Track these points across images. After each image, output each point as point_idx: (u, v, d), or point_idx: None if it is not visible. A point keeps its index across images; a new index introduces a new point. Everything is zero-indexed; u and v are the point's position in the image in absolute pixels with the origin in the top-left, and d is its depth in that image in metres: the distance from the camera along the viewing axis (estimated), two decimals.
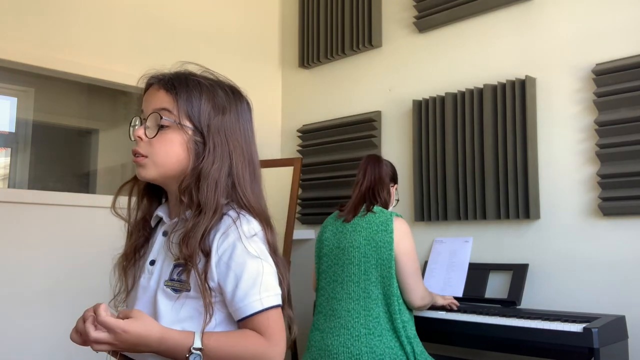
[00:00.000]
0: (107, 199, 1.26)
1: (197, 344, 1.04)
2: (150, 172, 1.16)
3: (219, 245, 1.11)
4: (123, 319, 1.01)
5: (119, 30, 2.97)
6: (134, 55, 2.99)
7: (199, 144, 1.15)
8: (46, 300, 2.57)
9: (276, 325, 1.10)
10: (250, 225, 1.14)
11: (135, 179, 1.25)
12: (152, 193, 1.27)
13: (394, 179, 2.42)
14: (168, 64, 1.24)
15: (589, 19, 2.43)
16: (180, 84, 1.17)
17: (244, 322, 1.10)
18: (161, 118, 1.14)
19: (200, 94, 1.17)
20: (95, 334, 0.99)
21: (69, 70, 2.76)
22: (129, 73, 2.93)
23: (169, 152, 1.14)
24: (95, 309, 1.01)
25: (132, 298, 1.21)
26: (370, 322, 2.07)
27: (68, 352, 2.60)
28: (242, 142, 1.19)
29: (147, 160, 1.15)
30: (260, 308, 1.09)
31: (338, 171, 3.25)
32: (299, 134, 3.54)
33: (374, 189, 2.27)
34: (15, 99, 3.03)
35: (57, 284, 2.60)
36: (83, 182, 3.34)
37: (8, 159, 3.05)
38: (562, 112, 2.48)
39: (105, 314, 0.99)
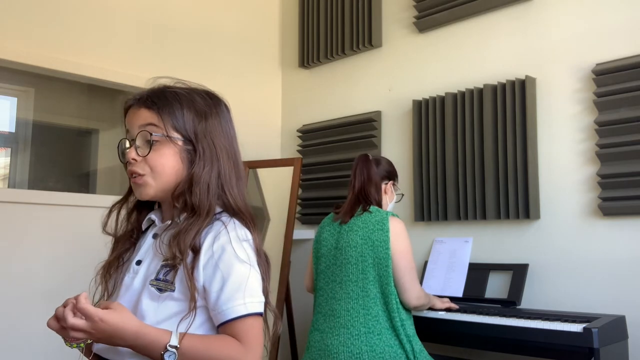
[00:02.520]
0: (107, 199, 1.27)
1: (174, 341, 1.05)
2: (150, 190, 1.18)
3: (209, 246, 1.13)
4: (103, 309, 1.02)
5: (119, 31, 2.97)
6: (134, 55, 2.99)
7: (190, 152, 1.19)
8: (46, 300, 2.56)
9: (255, 332, 1.11)
10: (242, 231, 1.17)
11: (125, 197, 1.27)
12: (141, 205, 1.29)
13: (389, 176, 2.41)
14: (168, 64, 1.25)
15: (589, 19, 2.43)
16: (159, 98, 1.19)
17: (223, 327, 1.11)
18: (151, 134, 1.16)
19: (180, 104, 1.19)
20: (72, 319, 1.00)
21: (69, 70, 2.76)
22: (129, 73, 2.94)
23: (165, 166, 1.17)
24: (76, 297, 1.02)
25: (114, 298, 1.22)
26: (370, 320, 2.07)
27: (68, 352, 2.60)
28: (226, 143, 1.23)
29: (146, 178, 1.17)
30: (244, 313, 1.10)
31: (338, 171, 3.25)
32: (299, 134, 3.54)
33: (364, 189, 2.28)
34: (15, 99, 3.02)
35: (57, 284, 2.60)
36: (83, 182, 3.34)
37: (8, 159, 3.05)
38: (562, 112, 2.48)
39: (86, 302, 1.01)
